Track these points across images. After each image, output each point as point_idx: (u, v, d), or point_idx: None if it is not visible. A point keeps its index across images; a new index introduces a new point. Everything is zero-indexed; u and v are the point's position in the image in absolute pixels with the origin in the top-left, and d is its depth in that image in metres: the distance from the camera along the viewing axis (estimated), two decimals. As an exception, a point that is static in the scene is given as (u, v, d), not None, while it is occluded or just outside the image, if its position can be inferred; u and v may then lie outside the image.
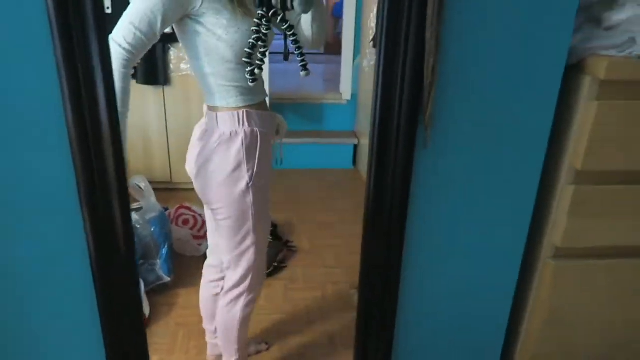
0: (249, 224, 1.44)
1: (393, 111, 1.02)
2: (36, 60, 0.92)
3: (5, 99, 0.94)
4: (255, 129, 1.37)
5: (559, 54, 1.07)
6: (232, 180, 1.38)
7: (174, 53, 2.85)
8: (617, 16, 1.06)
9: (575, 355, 1.36)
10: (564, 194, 1.17)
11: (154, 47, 1.27)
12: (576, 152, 1.13)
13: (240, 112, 1.35)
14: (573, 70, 1.12)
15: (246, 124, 1.35)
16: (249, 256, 1.49)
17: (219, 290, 1.72)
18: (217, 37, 1.25)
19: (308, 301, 2.31)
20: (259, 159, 1.39)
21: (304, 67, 1.23)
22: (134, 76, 2.85)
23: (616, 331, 1.34)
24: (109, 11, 2.65)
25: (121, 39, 1.17)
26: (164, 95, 2.92)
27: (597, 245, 1.23)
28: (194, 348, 2.00)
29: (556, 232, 1.20)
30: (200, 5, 1.22)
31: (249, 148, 1.37)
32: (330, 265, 2.59)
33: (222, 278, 1.69)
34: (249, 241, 1.47)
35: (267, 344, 2.02)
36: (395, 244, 1.14)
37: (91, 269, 1.05)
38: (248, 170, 1.38)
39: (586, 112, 1.09)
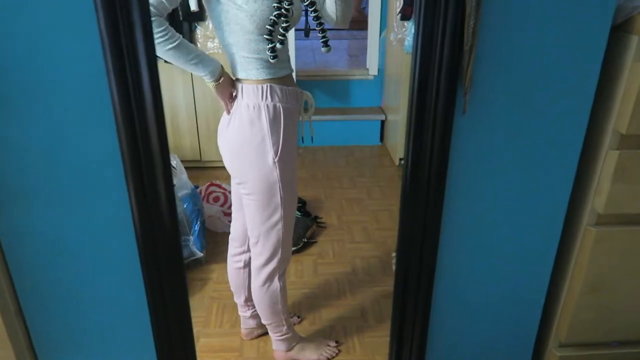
0: (277, 198, 1.45)
1: (432, 75, 1.00)
2: (81, 35, 0.93)
3: (51, 74, 0.95)
4: (278, 104, 1.37)
5: (604, 12, 1.03)
6: (258, 154, 1.39)
7: (200, 32, 2.85)
8: (667, -29, 1.02)
9: (614, 323, 1.34)
10: (608, 159, 1.14)
11: (180, 26, 1.30)
12: (621, 116, 1.10)
13: (264, 85, 1.35)
14: (619, 30, 1.07)
15: (269, 98, 1.36)
16: (278, 230, 1.51)
17: (241, 264, 1.75)
18: (237, 7, 1.25)
19: (338, 276, 2.32)
20: (283, 134, 1.40)
21: (325, 43, 1.22)
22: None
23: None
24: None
25: None
26: (192, 74, 2.94)
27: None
28: (228, 322, 2.04)
29: (598, 198, 1.18)
30: None
31: (273, 123, 1.38)
32: (359, 240, 2.60)
33: (243, 252, 1.72)
34: (277, 215, 1.48)
35: (298, 317, 2.04)
36: (433, 212, 1.13)
37: (137, 244, 1.07)
38: (273, 145, 1.39)
39: (633, 73, 1.06)
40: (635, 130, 1.09)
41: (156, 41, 1.22)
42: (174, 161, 2.41)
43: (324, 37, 1.26)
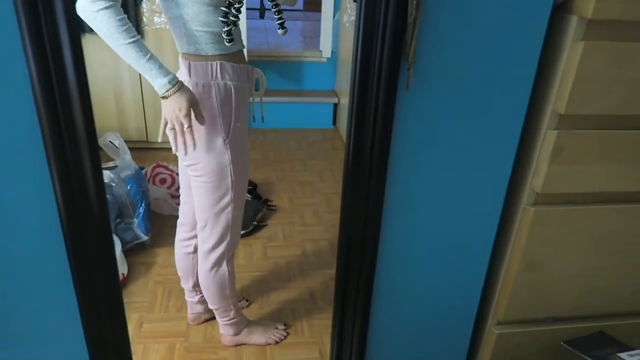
0: (227, 180, 1.40)
1: (375, 48, 0.98)
2: None
3: None
4: (229, 82, 1.31)
5: (546, -8, 1.04)
6: (208, 135, 1.33)
7: (146, 6, 2.73)
8: (606, -49, 1.02)
9: (549, 300, 1.38)
10: (547, 139, 1.15)
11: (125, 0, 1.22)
12: (560, 95, 1.11)
13: (214, 63, 1.29)
14: (560, 10, 1.08)
15: (219, 76, 1.30)
16: (228, 213, 1.46)
17: (190, 249, 1.70)
18: None
19: (288, 259, 2.31)
20: (234, 114, 1.35)
21: (282, 25, 1.18)
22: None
23: (591, 277, 1.36)
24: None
25: None
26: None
27: (577, 191, 1.23)
28: (173, 306, 1.99)
29: (537, 178, 1.19)
30: None
31: (224, 102, 1.32)
32: (310, 223, 2.59)
33: (193, 237, 1.66)
34: (227, 198, 1.43)
35: (247, 300, 2.01)
36: (376, 187, 1.11)
37: (62, 230, 1.00)
38: (224, 126, 1.33)
39: (572, 53, 1.07)
40: (574, 110, 1.11)
41: (115, 32, 1.13)
42: (117, 140, 2.31)
43: (280, 18, 1.21)
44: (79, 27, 0.88)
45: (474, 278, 1.34)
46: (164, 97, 1.22)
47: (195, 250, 1.67)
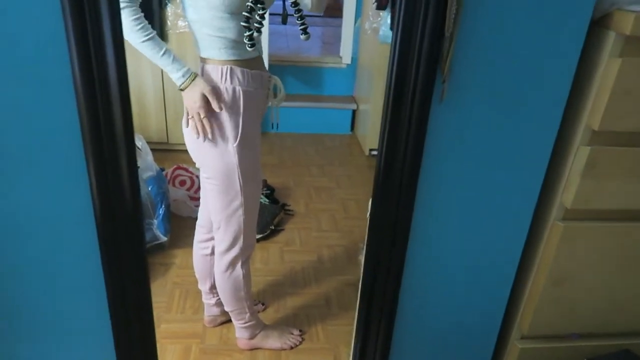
0: (236, 184, 1.41)
1: (411, 61, 0.98)
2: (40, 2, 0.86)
3: (9, 44, 0.89)
4: (238, 87, 1.32)
5: (584, 7, 1.03)
6: (216, 139, 1.35)
7: (171, 9, 2.76)
8: (646, -31, 1.02)
9: (577, 317, 1.37)
10: (579, 154, 1.14)
11: (150, 3, 1.25)
12: (594, 111, 1.10)
13: (224, 67, 1.30)
14: (597, 25, 1.08)
15: (228, 80, 1.31)
16: (239, 216, 1.48)
17: (208, 251, 1.71)
18: None
19: (304, 264, 2.31)
20: (243, 119, 1.35)
21: (304, 31, 1.19)
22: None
23: (617, 294, 1.35)
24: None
25: None
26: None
27: (607, 208, 1.22)
28: (190, 308, 1.99)
29: (567, 193, 1.19)
30: None
31: (231, 107, 1.33)
32: (326, 229, 2.59)
33: (210, 239, 1.67)
34: (237, 202, 1.44)
35: (263, 304, 2.02)
36: (406, 200, 1.11)
37: (96, 226, 1.02)
38: (232, 130, 1.34)
39: (608, 69, 1.06)
40: (607, 126, 1.10)
41: (130, 31, 1.21)
42: (139, 142, 2.33)
43: (302, 24, 1.22)
44: (121, 29, 0.89)
45: (499, 292, 1.33)
46: (181, 90, 1.30)
47: (213, 252, 1.68)
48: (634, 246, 1.27)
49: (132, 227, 1.02)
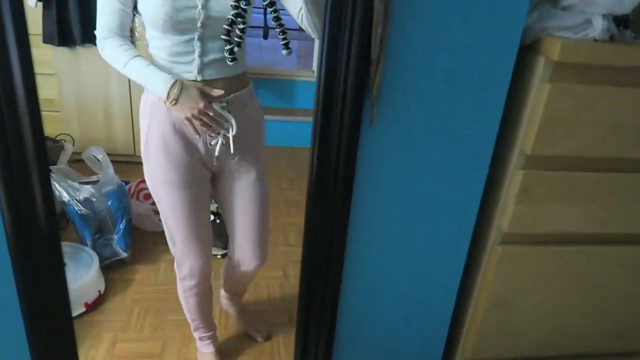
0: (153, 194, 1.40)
1: (338, 85, 0.97)
2: None
3: None
4: (150, 96, 1.29)
5: (513, 32, 1.03)
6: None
7: (138, 20, 2.73)
8: (573, -4, 1.02)
9: (518, 339, 1.36)
10: (514, 178, 1.14)
11: None
12: (527, 136, 1.10)
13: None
14: (527, 51, 1.08)
15: (146, 90, 1.30)
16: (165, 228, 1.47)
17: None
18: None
19: (269, 280, 2.28)
20: (149, 128, 1.31)
21: (286, 46, 1.15)
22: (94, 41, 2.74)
23: (561, 317, 1.34)
24: None
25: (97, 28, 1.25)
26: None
27: (543, 231, 1.21)
28: (149, 326, 1.96)
29: (504, 217, 1.18)
30: None
31: (142, 114, 1.33)
32: (293, 243, 2.57)
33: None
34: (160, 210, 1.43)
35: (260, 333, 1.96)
36: (339, 227, 1.10)
37: (8, 250, 0.99)
38: (142, 135, 1.35)
39: (538, 94, 1.06)
40: (540, 151, 1.10)
41: (113, 61, 1.27)
42: (100, 154, 2.30)
43: (284, 39, 1.19)
44: (28, 39, 0.86)
45: (441, 315, 1.32)
46: (174, 102, 1.21)
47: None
48: (573, 270, 1.27)
49: (49, 252, 1.00)
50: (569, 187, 1.15)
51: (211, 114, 1.21)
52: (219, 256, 2.39)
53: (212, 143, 1.29)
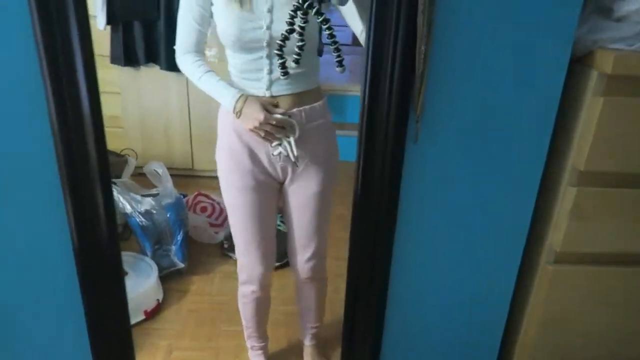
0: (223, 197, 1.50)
1: (382, 102, 0.99)
2: (15, 40, 0.92)
3: None
4: (222, 110, 1.40)
5: (563, 45, 1.01)
6: None
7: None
8: (627, 7, 0.99)
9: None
10: (566, 195, 1.10)
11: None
12: (579, 152, 1.07)
13: None
14: (579, 64, 1.05)
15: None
16: None
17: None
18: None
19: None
20: (220, 136, 1.43)
21: (340, 63, 1.18)
22: (157, 61, 2.88)
23: (612, 339, 1.27)
24: None
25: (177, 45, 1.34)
26: (187, 82, 2.94)
27: (598, 251, 1.16)
28: (204, 335, 2.02)
29: (556, 235, 1.14)
30: None
31: (219, 122, 1.43)
32: (343, 257, 2.56)
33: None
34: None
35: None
36: (384, 246, 1.10)
37: (74, 258, 1.06)
38: (217, 142, 1.45)
39: (591, 108, 1.03)
40: (593, 166, 1.06)
41: (189, 75, 1.36)
42: (160, 169, 2.42)
43: (338, 56, 1.22)
44: (93, 61, 0.94)
45: (491, 334, 1.28)
46: (238, 114, 1.31)
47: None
48: (628, 291, 1.20)
49: (110, 258, 1.06)
50: (624, 205, 1.10)
51: (273, 122, 1.29)
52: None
53: (274, 153, 1.37)
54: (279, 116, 1.30)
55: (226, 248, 2.49)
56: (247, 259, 1.59)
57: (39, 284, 1.13)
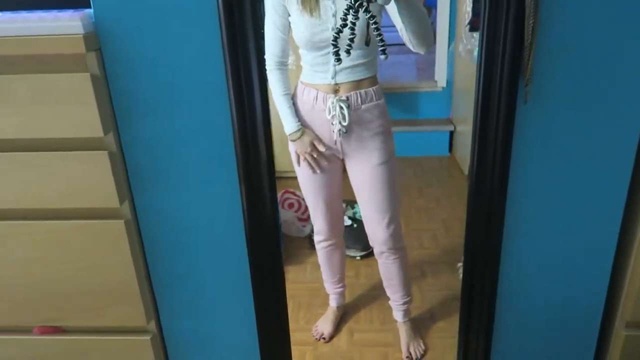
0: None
1: (496, 68, 1.11)
2: (206, 54, 1.14)
3: (180, 84, 1.17)
4: (295, 100, 1.73)
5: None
6: None
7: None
8: None
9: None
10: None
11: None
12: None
13: (298, 83, 1.74)
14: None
15: (296, 94, 1.74)
16: None
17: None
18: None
19: (407, 279, 2.38)
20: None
21: (383, 51, 1.33)
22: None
23: None
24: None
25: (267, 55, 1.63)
26: (267, 86, 3.10)
27: None
28: (303, 318, 2.17)
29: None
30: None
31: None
32: (428, 247, 2.65)
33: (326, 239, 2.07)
34: None
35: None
36: (498, 199, 1.21)
37: (247, 246, 1.30)
38: None
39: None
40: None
41: (272, 88, 1.69)
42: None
43: (382, 46, 1.36)
44: (265, 77, 1.17)
45: (597, 282, 1.34)
46: (292, 140, 1.74)
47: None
48: None
49: (273, 235, 1.31)
50: None
51: (315, 155, 1.74)
52: (358, 258, 2.55)
53: (333, 130, 1.70)
54: (322, 149, 1.72)
55: (314, 240, 2.64)
56: (315, 216, 1.93)
57: (217, 251, 1.36)
